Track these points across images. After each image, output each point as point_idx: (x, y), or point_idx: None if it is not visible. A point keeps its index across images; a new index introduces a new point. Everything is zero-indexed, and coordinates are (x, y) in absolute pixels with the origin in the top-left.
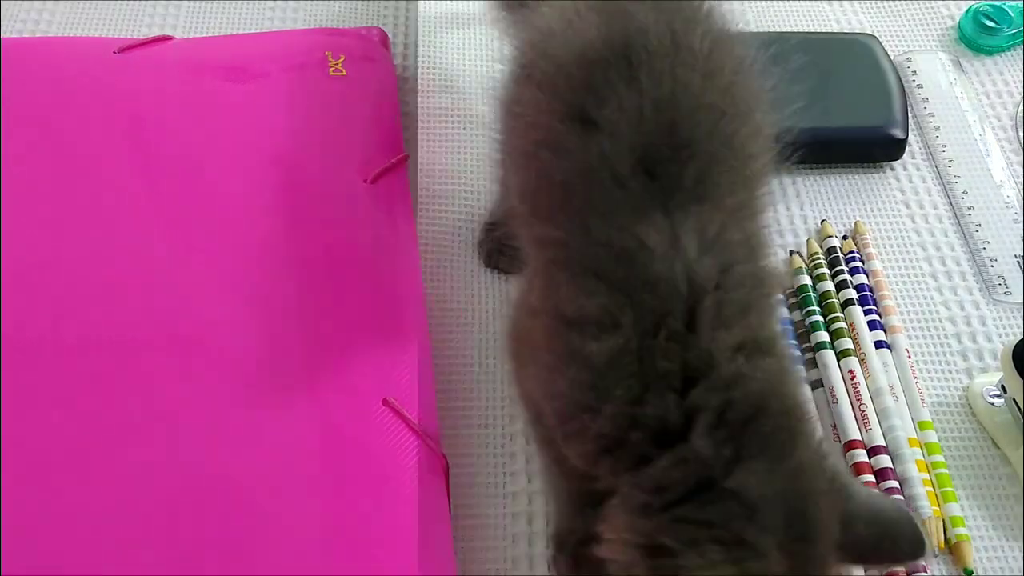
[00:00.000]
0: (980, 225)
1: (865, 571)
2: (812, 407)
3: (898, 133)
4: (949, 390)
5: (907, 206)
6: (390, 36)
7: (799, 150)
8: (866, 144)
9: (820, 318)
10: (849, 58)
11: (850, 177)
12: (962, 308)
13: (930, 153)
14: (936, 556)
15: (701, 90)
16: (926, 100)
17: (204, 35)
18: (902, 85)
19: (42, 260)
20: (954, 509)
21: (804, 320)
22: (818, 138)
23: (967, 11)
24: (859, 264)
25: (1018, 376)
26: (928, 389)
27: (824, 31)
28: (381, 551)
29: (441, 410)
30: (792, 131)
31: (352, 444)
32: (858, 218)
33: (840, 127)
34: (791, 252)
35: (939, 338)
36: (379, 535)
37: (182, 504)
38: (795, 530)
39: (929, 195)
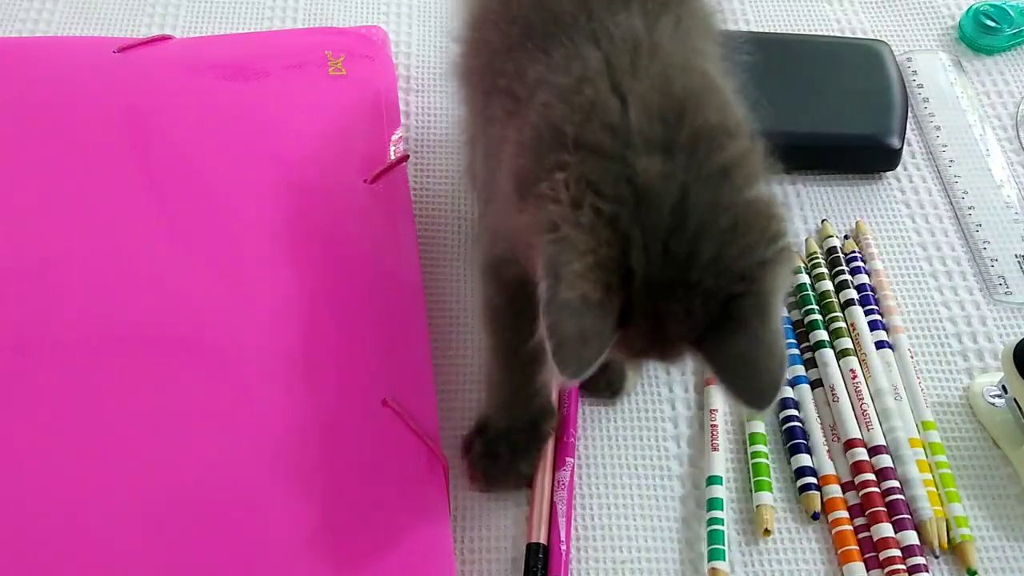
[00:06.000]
0: (980, 225)
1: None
2: None
3: (894, 143)
4: (949, 390)
5: (907, 206)
6: (390, 35)
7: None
8: (861, 152)
9: (819, 317)
10: (856, 64)
11: (851, 178)
12: (963, 308)
13: (930, 153)
14: (939, 557)
15: None
16: (926, 100)
17: (204, 35)
18: (906, 95)
19: (41, 259)
20: (957, 509)
21: (803, 319)
22: (812, 144)
23: (967, 11)
24: (860, 264)
25: (1019, 376)
26: (928, 389)
27: (836, 35)
28: (381, 552)
29: (441, 410)
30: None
31: (352, 445)
32: (859, 218)
33: (835, 133)
34: None
35: (939, 338)
36: (379, 536)
37: (179, 503)
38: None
39: (929, 195)
